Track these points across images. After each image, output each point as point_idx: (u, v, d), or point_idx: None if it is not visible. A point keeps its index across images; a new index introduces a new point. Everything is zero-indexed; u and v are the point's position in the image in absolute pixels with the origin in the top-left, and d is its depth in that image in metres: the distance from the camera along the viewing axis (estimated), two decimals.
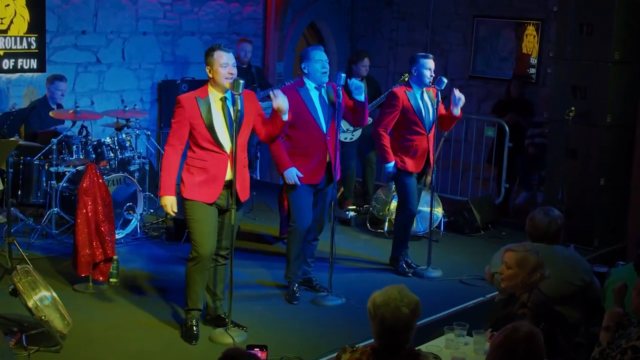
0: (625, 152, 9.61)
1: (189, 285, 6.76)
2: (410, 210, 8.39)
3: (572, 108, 9.13)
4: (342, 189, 10.42)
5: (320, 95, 7.49)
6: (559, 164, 9.44)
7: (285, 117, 6.62)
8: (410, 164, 8.20)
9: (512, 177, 10.98)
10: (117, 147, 9.23)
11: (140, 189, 9.07)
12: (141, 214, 9.11)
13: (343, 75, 7.39)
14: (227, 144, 6.56)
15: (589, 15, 9.30)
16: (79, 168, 8.76)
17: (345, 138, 9.93)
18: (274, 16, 12.31)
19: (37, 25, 9.75)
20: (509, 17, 11.84)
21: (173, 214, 6.82)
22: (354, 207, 10.24)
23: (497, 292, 6.48)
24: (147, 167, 9.55)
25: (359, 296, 7.30)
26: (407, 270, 8.39)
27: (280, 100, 6.54)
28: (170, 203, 6.58)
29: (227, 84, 6.47)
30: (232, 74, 6.49)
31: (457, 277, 8.40)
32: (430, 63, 8.14)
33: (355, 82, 7.48)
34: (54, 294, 6.56)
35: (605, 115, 9.33)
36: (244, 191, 6.73)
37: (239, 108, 6.47)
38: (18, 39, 9.61)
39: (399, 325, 4.57)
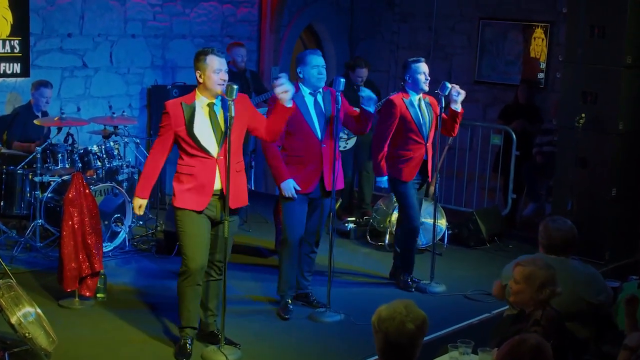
0: (638, 160, 9.67)
1: (181, 301, 6.79)
2: (411, 224, 8.41)
3: (582, 114, 9.23)
4: (341, 199, 10.47)
5: (316, 101, 7.53)
6: (568, 173, 9.52)
7: (290, 104, 6.68)
8: (403, 173, 8.26)
9: (519, 187, 11.05)
10: (104, 156, 9.21)
11: (129, 199, 8.93)
12: (130, 226, 9.09)
13: (342, 80, 7.44)
14: (214, 150, 6.64)
15: (600, 16, 9.34)
16: (65, 178, 8.70)
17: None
18: (270, 18, 12.39)
19: (20, 27, 9.71)
20: (516, 19, 11.97)
21: (140, 214, 6.94)
22: (354, 218, 10.31)
23: (505, 308, 6.58)
24: (136, 177, 9.43)
25: (359, 312, 7.39)
26: (410, 284, 8.44)
27: (286, 86, 6.58)
28: (139, 204, 6.76)
29: (219, 90, 6.52)
30: (224, 80, 6.56)
31: (461, 292, 8.46)
32: (423, 67, 8.19)
33: (366, 92, 7.53)
34: (39, 310, 6.56)
35: (616, 121, 9.38)
36: (238, 198, 6.74)
37: (232, 114, 6.48)
38: (0, 42, 9.58)
39: (403, 341, 4.61)
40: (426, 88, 8.18)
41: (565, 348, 5.70)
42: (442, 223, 9.54)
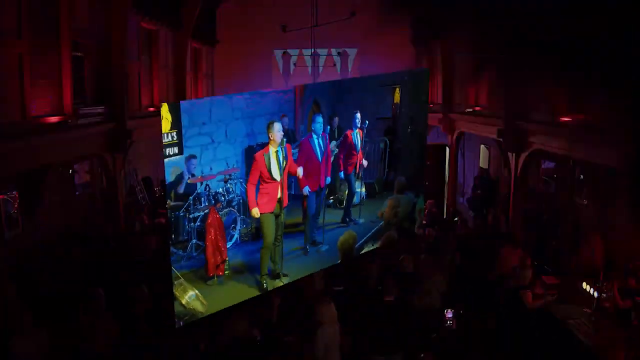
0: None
1: (261, 261, 7.18)
2: (350, 192, 8.87)
3: (409, 127, 9.97)
4: (327, 189, 9.45)
5: (319, 142, 8.05)
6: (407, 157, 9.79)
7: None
8: (348, 169, 8.91)
9: (390, 166, 10.54)
10: (225, 193, 8.53)
11: (240, 215, 8.57)
12: (240, 230, 8.55)
13: (328, 127, 8.03)
14: (278, 177, 6.98)
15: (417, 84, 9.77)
16: (206, 212, 8.00)
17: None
18: (299, 98, 10.28)
19: (176, 123, 8.15)
20: (390, 85, 11.09)
21: (257, 216, 6.79)
22: (332, 197, 10.04)
23: (381, 223, 7.74)
24: (242, 202, 8.68)
25: (334, 242, 8.04)
26: (349, 222, 9.05)
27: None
28: (255, 212, 6.85)
29: (280, 141, 6.87)
30: (282, 135, 6.90)
31: (370, 220, 9.06)
32: (358, 116, 8.75)
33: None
34: (196, 291, 6.63)
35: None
36: (285, 201, 7.08)
37: (284, 155, 7.00)
38: (165, 134, 8.12)
39: (351, 249, 6.04)
40: (359, 125, 8.70)
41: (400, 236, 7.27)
42: (363, 190, 9.62)
